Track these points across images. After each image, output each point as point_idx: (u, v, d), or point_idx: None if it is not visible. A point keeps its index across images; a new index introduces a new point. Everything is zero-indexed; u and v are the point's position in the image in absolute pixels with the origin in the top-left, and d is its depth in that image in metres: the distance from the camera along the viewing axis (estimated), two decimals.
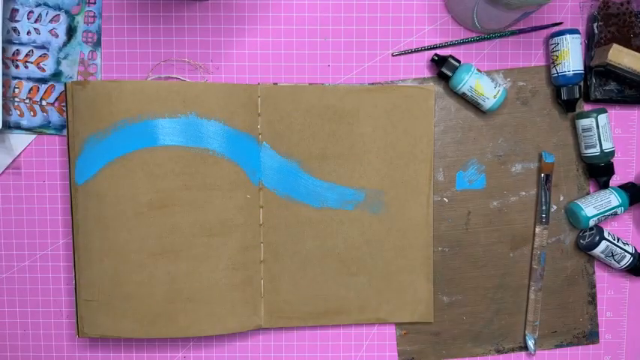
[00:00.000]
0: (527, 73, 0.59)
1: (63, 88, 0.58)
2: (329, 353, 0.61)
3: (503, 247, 0.60)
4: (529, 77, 0.59)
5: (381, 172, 0.57)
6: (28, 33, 0.57)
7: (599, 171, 0.58)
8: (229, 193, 0.55)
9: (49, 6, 0.57)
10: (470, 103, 0.59)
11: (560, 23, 0.59)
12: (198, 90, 0.53)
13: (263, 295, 0.58)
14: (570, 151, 0.60)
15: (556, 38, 0.56)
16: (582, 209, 0.57)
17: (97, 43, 0.57)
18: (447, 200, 0.59)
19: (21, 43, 0.57)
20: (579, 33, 0.56)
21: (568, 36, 0.56)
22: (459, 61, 0.56)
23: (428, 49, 0.58)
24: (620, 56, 0.54)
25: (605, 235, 0.58)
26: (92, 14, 0.57)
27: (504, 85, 0.58)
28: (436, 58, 0.57)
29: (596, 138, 0.57)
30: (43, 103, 0.58)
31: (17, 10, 0.57)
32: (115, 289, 0.54)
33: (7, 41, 0.57)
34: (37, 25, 0.57)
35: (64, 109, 0.58)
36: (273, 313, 0.58)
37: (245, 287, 0.56)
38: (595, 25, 0.58)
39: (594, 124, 0.57)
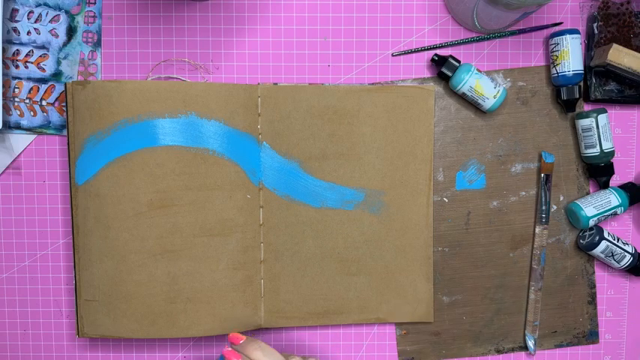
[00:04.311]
0: (527, 73, 0.59)
1: (63, 88, 0.58)
2: (329, 353, 0.61)
3: (503, 247, 0.60)
4: (529, 77, 0.59)
5: (381, 172, 0.57)
6: (29, 33, 0.57)
7: (599, 171, 0.58)
8: (229, 193, 0.55)
9: (49, 6, 0.57)
10: (470, 103, 0.59)
11: (560, 23, 0.59)
12: (198, 90, 0.53)
13: (263, 295, 0.58)
14: (570, 151, 0.60)
15: (556, 38, 0.56)
16: (582, 209, 0.58)
17: (97, 43, 0.58)
18: (446, 200, 0.59)
19: (21, 43, 0.57)
20: (579, 33, 0.56)
21: (568, 36, 0.56)
22: (458, 61, 0.56)
23: (428, 49, 0.58)
24: (620, 56, 0.54)
25: (605, 235, 0.58)
26: (92, 14, 0.57)
27: (504, 85, 0.58)
28: (436, 58, 0.57)
29: (596, 138, 0.57)
30: (43, 103, 0.58)
31: (17, 10, 0.57)
32: (115, 289, 0.54)
33: (7, 41, 0.57)
34: (37, 25, 0.57)
35: (64, 109, 0.58)
36: (273, 313, 0.58)
37: (245, 287, 0.56)
38: (595, 25, 0.58)
39: (594, 124, 0.57)
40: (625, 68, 0.55)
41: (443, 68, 0.57)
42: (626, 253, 0.58)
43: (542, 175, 0.59)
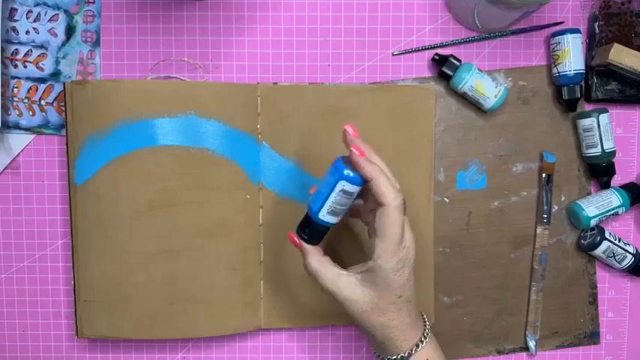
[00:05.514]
0: (528, 73, 0.59)
1: (62, 88, 0.57)
2: (329, 354, 0.60)
3: (504, 248, 0.60)
4: (530, 77, 0.59)
5: None
6: (27, 32, 0.57)
7: (600, 171, 0.58)
8: (229, 193, 0.55)
9: (48, 5, 0.57)
10: (471, 102, 0.58)
11: (561, 23, 0.58)
12: (197, 90, 0.53)
13: (263, 295, 0.58)
14: (571, 151, 0.59)
15: (557, 38, 0.56)
16: (583, 209, 0.57)
17: (96, 43, 0.57)
18: (447, 200, 0.59)
19: (20, 43, 0.57)
20: (580, 32, 0.56)
21: (569, 35, 0.55)
22: (459, 61, 0.56)
23: (428, 49, 0.58)
24: (621, 56, 0.54)
25: (607, 235, 0.58)
26: (91, 13, 0.57)
27: (505, 85, 0.58)
28: (437, 58, 0.57)
29: (598, 138, 0.57)
30: (42, 102, 0.57)
31: (16, 10, 0.57)
32: (114, 290, 0.54)
33: (6, 41, 0.57)
34: (35, 25, 0.57)
35: (63, 108, 0.57)
36: (272, 313, 0.58)
37: (245, 288, 0.56)
38: (596, 24, 0.57)
39: (595, 124, 0.56)
40: (626, 68, 0.55)
41: (444, 68, 0.56)
42: (627, 254, 0.58)
43: (544, 175, 0.59)
